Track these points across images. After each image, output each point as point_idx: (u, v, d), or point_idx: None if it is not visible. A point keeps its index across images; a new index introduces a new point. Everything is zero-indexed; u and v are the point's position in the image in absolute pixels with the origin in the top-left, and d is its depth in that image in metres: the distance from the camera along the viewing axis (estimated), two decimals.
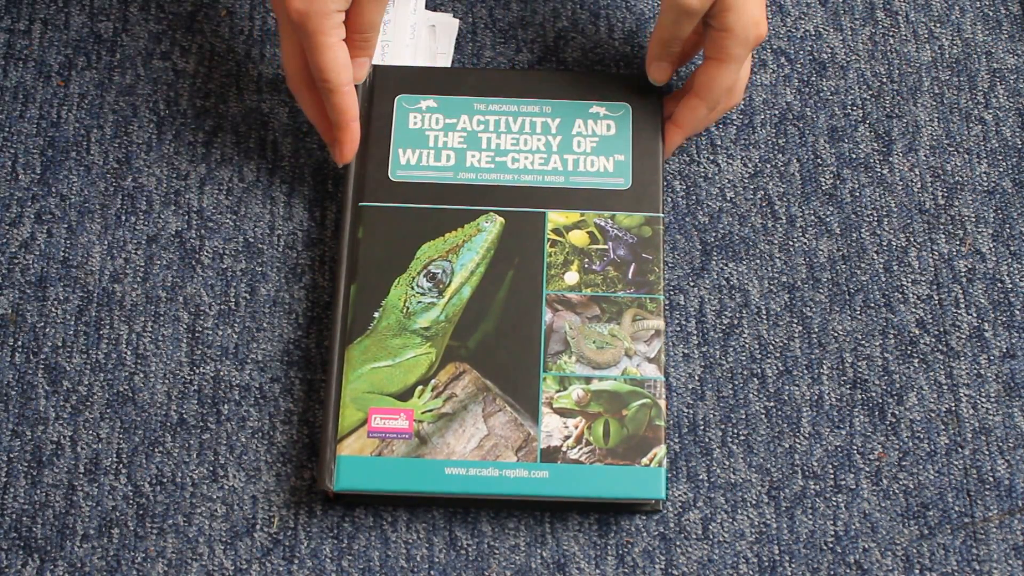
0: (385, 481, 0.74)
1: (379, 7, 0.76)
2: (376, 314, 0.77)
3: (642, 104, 0.82)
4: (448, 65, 0.86)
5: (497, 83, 0.83)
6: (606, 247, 0.79)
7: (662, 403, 0.75)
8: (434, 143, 0.81)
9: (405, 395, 0.75)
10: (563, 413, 0.75)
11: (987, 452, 0.78)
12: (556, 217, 0.79)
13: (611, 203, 0.79)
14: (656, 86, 0.81)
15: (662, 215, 0.79)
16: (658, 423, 0.75)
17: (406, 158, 0.80)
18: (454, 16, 0.87)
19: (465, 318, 0.77)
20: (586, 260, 0.78)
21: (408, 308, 0.77)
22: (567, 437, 0.75)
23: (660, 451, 0.74)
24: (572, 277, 0.78)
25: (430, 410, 0.75)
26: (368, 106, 0.82)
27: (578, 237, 0.79)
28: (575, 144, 0.81)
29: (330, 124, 0.80)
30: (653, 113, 0.82)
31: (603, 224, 0.79)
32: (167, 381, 0.79)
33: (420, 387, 0.76)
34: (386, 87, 0.82)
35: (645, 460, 0.74)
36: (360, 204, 0.79)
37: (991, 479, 0.77)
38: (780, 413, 0.79)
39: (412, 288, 0.78)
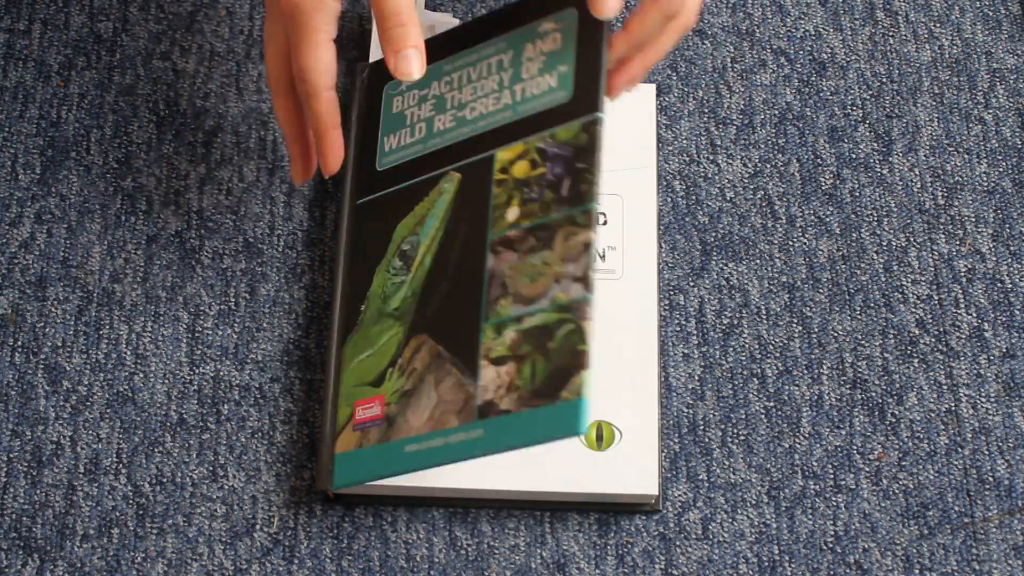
0: (362, 472, 0.71)
1: None
2: (363, 307, 0.74)
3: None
4: None
5: (461, 38, 0.76)
6: (544, 170, 0.69)
7: (587, 324, 0.64)
8: (410, 120, 0.76)
9: (379, 380, 0.72)
10: (498, 362, 0.67)
11: (987, 452, 0.78)
12: (503, 155, 0.71)
13: (552, 120, 0.70)
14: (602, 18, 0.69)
15: (601, 115, 0.68)
16: (581, 347, 0.64)
17: (389, 144, 0.77)
18: (454, 16, 0.87)
19: (428, 288, 0.71)
20: (526, 190, 0.69)
21: (385, 292, 0.73)
22: (499, 387, 0.66)
23: (580, 378, 0.63)
24: (513, 213, 0.69)
25: (397, 390, 0.71)
26: (366, 105, 0.81)
27: (520, 168, 0.70)
28: (524, 71, 0.72)
29: (299, 132, 0.74)
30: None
31: (544, 147, 0.70)
32: (167, 381, 0.79)
33: (390, 369, 0.71)
34: (376, 82, 0.80)
35: (565, 393, 0.63)
36: (358, 202, 0.79)
37: (991, 479, 0.77)
38: (780, 413, 0.78)
39: (388, 271, 0.74)
